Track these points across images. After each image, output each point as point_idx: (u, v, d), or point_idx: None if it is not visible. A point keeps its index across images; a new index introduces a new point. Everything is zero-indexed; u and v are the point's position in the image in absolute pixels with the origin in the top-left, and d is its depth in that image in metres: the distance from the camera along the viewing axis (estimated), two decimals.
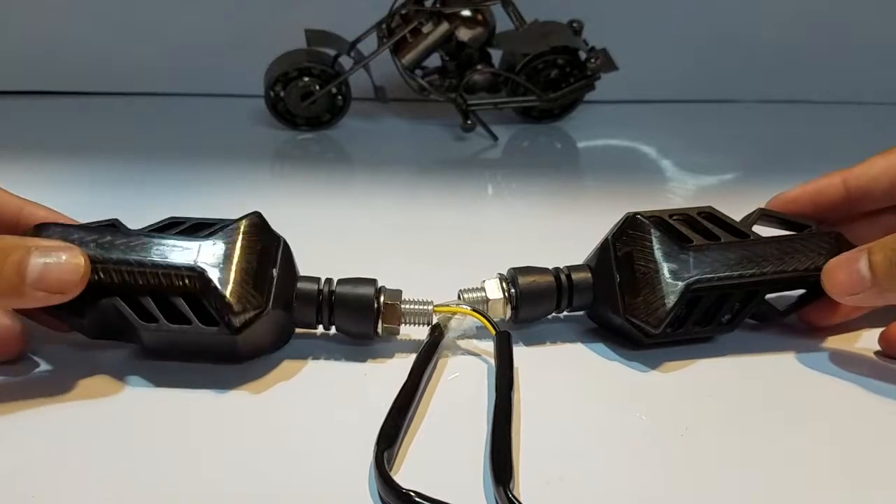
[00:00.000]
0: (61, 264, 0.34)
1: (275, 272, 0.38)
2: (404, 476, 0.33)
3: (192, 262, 0.37)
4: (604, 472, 0.33)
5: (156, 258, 0.37)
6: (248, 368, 0.39)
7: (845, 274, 0.38)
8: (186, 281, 0.37)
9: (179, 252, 0.37)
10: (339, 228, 0.55)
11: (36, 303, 0.34)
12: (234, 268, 0.37)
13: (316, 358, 0.40)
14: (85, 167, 0.63)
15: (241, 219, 0.39)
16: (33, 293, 0.34)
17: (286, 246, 0.40)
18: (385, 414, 0.35)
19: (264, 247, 0.39)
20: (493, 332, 0.40)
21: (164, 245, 0.37)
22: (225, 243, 0.38)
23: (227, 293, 0.37)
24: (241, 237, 0.38)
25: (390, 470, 0.32)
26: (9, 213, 0.39)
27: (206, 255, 0.37)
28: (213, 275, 0.37)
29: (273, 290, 0.38)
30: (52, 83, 0.78)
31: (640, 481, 0.33)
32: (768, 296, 0.41)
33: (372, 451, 0.33)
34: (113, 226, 0.39)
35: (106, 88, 0.78)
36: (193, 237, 0.38)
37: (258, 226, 0.39)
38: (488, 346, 0.40)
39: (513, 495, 0.31)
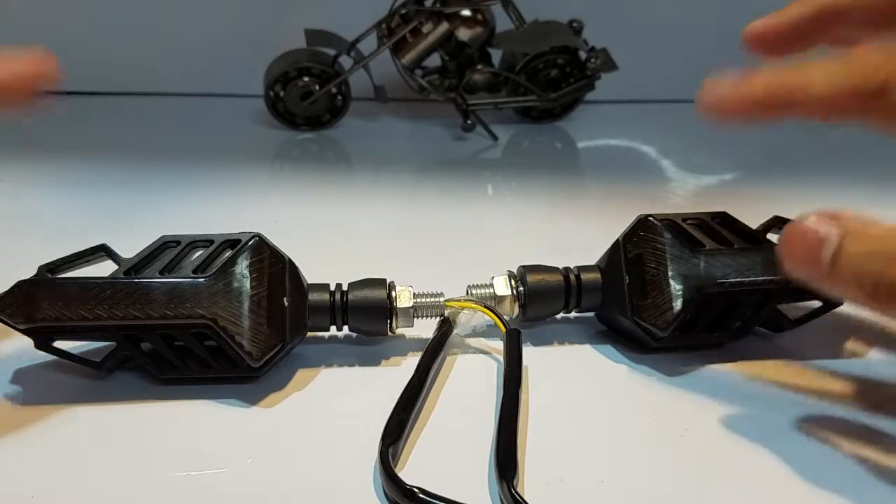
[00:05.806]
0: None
1: (286, 301, 0.37)
2: (410, 472, 0.32)
3: (202, 311, 0.35)
4: (603, 474, 0.33)
5: (164, 309, 0.35)
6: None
7: (802, 251, 0.30)
8: (199, 330, 0.36)
9: (185, 298, 0.35)
10: (338, 228, 0.55)
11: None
12: (245, 309, 0.36)
13: (329, 362, 0.40)
14: (85, 167, 0.63)
15: (240, 246, 0.37)
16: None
17: (292, 265, 0.38)
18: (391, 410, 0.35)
19: (272, 275, 0.37)
20: (504, 329, 0.39)
21: (169, 289, 0.35)
22: (231, 280, 0.36)
23: (243, 340, 0.36)
24: (245, 270, 0.36)
25: (395, 466, 0.32)
26: None
27: (213, 297, 0.35)
28: (225, 321, 0.35)
29: (287, 320, 0.37)
30: (51, 83, 0.78)
31: (639, 482, 0.33)
32: (782, 306, 0.41)
33: (377, 447, 0.33)
34: (104, 249, 0.38)
35: (106, 88, 0.78)
36: (195, 276, 0.36)
37: (261, 251, 0.37)
38: (497, 344, 0.40)
39: (516, 492, 0.31)
